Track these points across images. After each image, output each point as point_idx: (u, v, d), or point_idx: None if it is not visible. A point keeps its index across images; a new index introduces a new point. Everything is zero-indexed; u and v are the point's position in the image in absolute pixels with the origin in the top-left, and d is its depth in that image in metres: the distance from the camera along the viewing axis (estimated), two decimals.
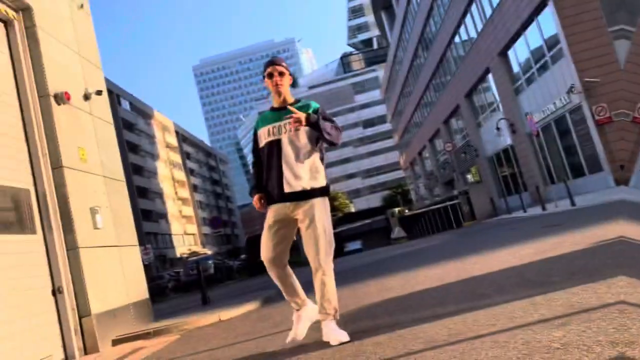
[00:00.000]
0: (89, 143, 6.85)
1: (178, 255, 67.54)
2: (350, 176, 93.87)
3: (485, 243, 8.56)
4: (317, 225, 3.20)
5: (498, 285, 3.88)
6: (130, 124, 63.27)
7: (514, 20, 21.93)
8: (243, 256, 38.62)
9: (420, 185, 57.54)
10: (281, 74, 3.34)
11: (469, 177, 37.05)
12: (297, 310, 3.45)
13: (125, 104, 64.28)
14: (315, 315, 3.35)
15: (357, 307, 4.69)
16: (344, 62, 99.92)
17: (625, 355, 1.75)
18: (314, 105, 3.36)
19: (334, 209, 68.25)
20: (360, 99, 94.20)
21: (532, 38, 21.48)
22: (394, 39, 53.42)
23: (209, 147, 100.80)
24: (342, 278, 8.58)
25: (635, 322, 2.10)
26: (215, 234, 21.28)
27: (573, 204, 13.01)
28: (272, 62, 3.37)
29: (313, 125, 3.16)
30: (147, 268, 31.17)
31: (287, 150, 3.22)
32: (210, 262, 24.29)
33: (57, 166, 6.01)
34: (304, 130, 3.22)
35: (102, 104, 7.55)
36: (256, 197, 3.34)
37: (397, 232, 20.53)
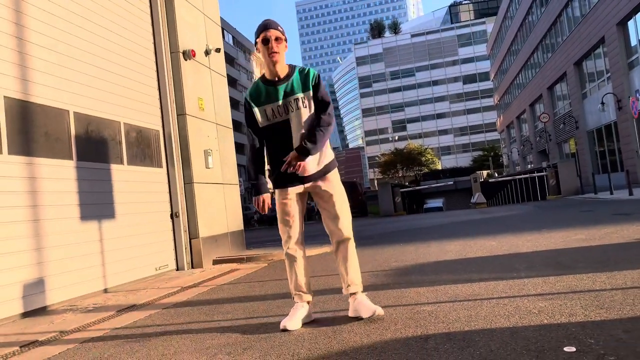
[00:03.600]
0: (207, 94, 8.07)
1: None
2: (443, 132, 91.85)
3: (551, 221, 8.99)
4: (339, 197, 3.13)
5: (531, 264, 4.59)
6: (232, 59, 65.78)
7: None
8: None
9: (513, 150, 55.55)
10: (277, 39, 2.98)
11: (568, 147, 35.44)
12: (298, 302, 3.18)
13: (229, 38, 66.64)
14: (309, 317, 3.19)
15: (413, 264, 5.58)
16: (452, 11, 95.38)
17: (572, 323, 2.53)
18: (312, 72, 3.09)
19: (420, 164, 67.91)
20: (464, 52, 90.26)
21: None
22: None
23: None
24: (410, 236, 9.46)
25: (598, 304, 2.83)
26: None
27: None
28: (266, 26, 3.00)
29: (309, 153, 2.99)
30: None
31: (299, 130, 3.03)
32: None
33: (181, 113, 7.30)
34: (308, 109, 3.05)
35: (219, 59, 8.71)
36: (263, 197, 3.10)
37: (478, 197, 20.67)
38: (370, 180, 79.67)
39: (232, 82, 65.01)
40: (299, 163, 2.97)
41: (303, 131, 3.01)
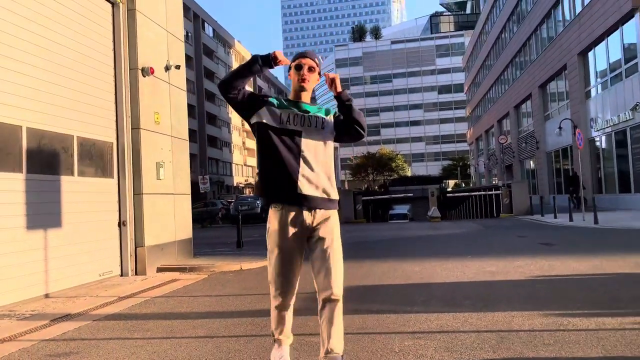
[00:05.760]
0: (164, 108, 8.46)
1: (235, 183, 71.43)
2: (416, 139, 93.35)
3: (482, 247, 9.71)
4: (335, 248, 2.72)
5: (430, 297, 5.18)
6: (210, 51, 65.57)
7: (600, 22, 21.40)
8: None
9: (480, 163, 57.09)
10: (310, 69, 2.82)
11: (529, 164, 36.69)
12: (280, 345, 2.93)
13: (209, 30, 66.40)
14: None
15: (307, 292, 6.10)
16: (433, 21, 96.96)
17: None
18: (332, 111, 2.95)
19: (390, 170, 68.99)
20: (442, 62, 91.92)
21: (614, 46, 20.99)
22: (486, 7, 51.72)
23: (281, 85, 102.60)
24: (351, 252, 10.01)
25: (448, 346, 3.40)
26: None
27: (596, 221, 13.63)
28: (304, 54, 2.86)
29: (344, 100, 2.77)
30: (204, 194, 33.92)
31: (309, 146, 2.72)
32: (257, 202, 26.31)
33: (135, 127, 7.68)
34: (322, 134, 2.78)
35: (179, 73, 9.08)
36: (274, 53, 2.79)
37: (433, 211, 21.50)
38: (342, 181, 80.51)
39: (209, 74, 64.80)
40: (335, 78, 2.73)
41: (315, 150, 2.73)
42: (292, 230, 2.67)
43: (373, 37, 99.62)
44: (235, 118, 74.22)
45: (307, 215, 2.68)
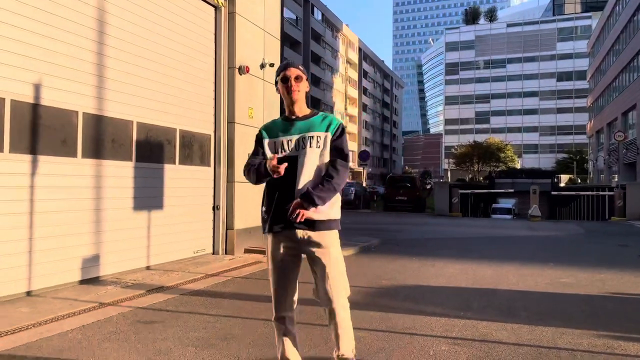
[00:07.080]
0: (257, 103, 9.14)
1: None
2: (528, 129, 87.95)
3: (571, 253, 9.34)
4: (333, 268, 2.84)
5: (488, 304, 5.28)
6: (318, 36, 66.69)
7: None
8: (383, 190, 39.79)
9: (599, 158, 52.64)
10: (297, 78, 2.86)
11: None
12: None
13: (318, 14, 67.44)
14: None
15: (396, 285, 6.38)
16: (556, 2, 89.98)
17: None
18: (335, 120, 2.90)
19: (497, 160, 65.93)
20: (563, 47, 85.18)
21: None
22: None
23: (387, 69, 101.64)
24: (429, 248, 10.12)
25: (482, 355, 3.58)
26: (362, 166, 22.91)
27: None
28: (286, 65, 2.91)
29: (313, 202, 2.71)
30: None
31: (306, 170, 2.78)
32: (352, 189, 26.80)
33: (231, 121, 8.43)
34: (320, 150, 2.82)
35: (274, 70, 9.70)
36: (274, 158, 2.74)
37: (534, 210, 20.48)
38: (445, 170, 78.59)
39: (316, 59, 66.12)
40: (301, 212, 2.70)
41: (310, 175, 2.78)
42: (287, 249, 2.85)
43: (487, 20, 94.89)
44: (338, 102, 75.19)
45: (303, 234, 2.81)
